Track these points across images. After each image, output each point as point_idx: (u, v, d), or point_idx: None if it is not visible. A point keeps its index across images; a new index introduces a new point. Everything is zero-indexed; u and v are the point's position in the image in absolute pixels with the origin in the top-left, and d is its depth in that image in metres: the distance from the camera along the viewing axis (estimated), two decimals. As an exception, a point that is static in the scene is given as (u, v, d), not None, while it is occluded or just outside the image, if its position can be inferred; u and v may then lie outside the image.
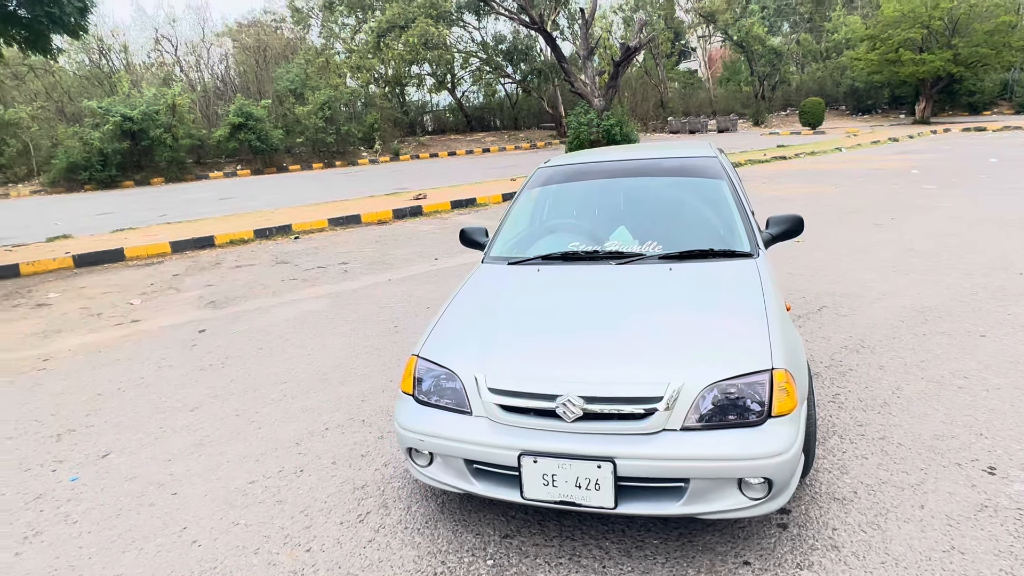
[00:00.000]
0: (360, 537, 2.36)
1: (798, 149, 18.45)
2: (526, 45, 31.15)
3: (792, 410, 1.99)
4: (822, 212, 8.58)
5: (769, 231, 3.02)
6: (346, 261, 7.64)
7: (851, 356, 3.71)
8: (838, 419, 2.98)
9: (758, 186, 11.49)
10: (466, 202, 11.72)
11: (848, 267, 5.68)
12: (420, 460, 2.30)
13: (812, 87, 36.87)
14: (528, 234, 3.32)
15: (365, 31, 28.95)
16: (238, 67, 31.39)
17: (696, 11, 37.16)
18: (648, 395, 1.98)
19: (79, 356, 4.76)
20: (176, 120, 23.25)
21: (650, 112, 35.24)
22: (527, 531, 2.32)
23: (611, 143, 16.67)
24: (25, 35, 7.81)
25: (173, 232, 10.10)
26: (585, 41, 17.82)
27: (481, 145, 29.88)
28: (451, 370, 2.28)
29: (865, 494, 2.39)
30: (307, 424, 3.33)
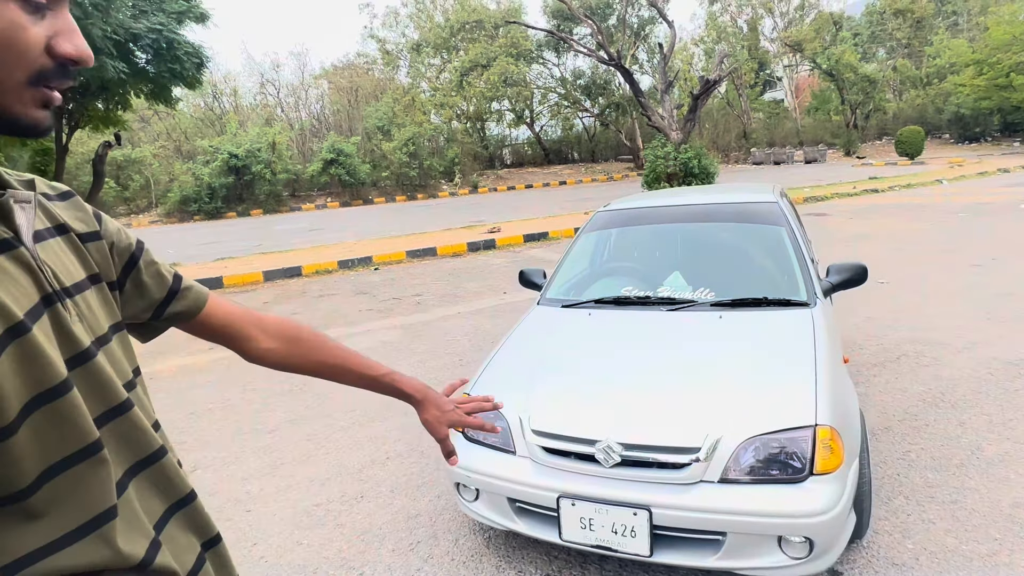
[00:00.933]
0: (409, 565, 2.49)
1: (892, 181, 17.44)
2: (604, 79, 31.53)
3: (837, 468, 1.95)
4: (913, 251, 8.09)
5: (829, 279, 2.96)
6: (420, 293, 7.98)
7: (928, 410, 3.50)
8: (906, 478, 2.82)
9: (842, 222, 10.99)
10: (538, 236, 11.94)
11: (936, 312, 5.34)
12: (467, 495, 2.42)
13: (911, 115, 34.85)
14: (583, 277, 3.42)
15: (449, 70, 30.33)
16: (332, 106, 33.66)
17: (782, 40, 36.27)
18: (686, 445, 2.01)
19: (178, 377, 5.26)
20: (275, 156, 25.21)
21: (732, 143, 34.49)
22: (568, 572, 2.36)
23: (688, 176, 16.49)
24: (151, 88, 8.87)
25: (266, 262, 10.92)
26: (663, 75, 17.85)
27: (558, 178, 30.27)
28: (499, 411, 2.39)
29: (927, 561, 2.26)
30: (371, 452, 3.53)
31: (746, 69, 34.52)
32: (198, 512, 0.81)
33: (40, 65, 0.63)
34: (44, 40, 0.63)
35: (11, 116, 0.63)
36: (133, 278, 0.85)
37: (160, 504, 0.76)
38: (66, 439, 0.65)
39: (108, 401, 0.71)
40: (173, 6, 8.25)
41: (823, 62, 32.82)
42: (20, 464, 0.61)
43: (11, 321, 0.60)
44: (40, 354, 0.62)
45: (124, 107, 9.87)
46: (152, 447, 0.76)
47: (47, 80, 0.64)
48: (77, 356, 0.67)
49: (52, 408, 0.63)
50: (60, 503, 0.64)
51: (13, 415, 0.60)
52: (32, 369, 0.62)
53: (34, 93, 0.64)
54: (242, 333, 1.00)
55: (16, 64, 0.61)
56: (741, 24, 36.91)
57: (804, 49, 33.50)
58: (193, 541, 0.80)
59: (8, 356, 0.60)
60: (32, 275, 0.66)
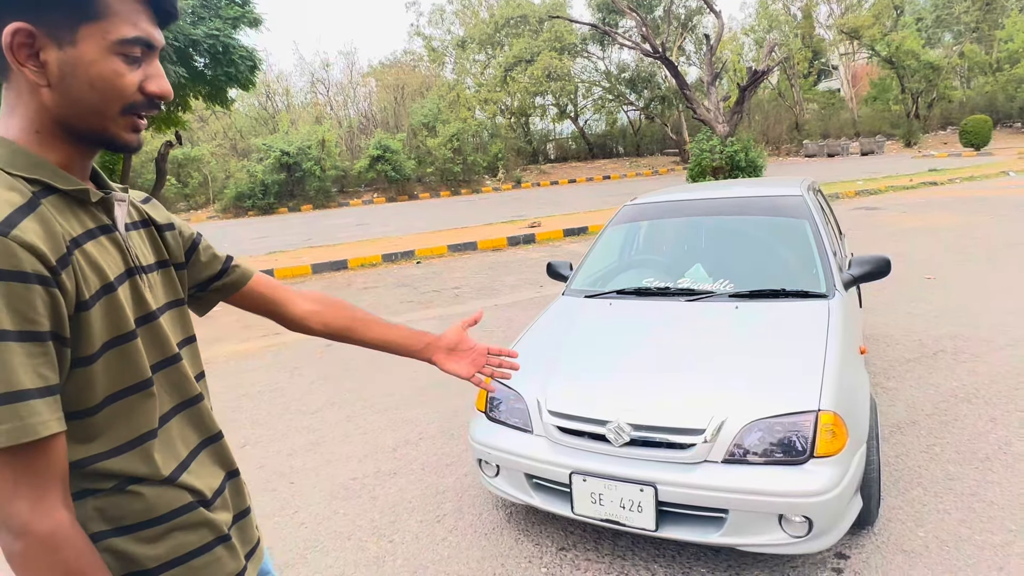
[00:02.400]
0: (435, 535, 2.68)
1: (954, 173, 16.66)
2: (649, 72, 31.14)
3: (838, 452, 2.02)
4: (967, 246, 7.80)
5: (851, 272, 2.97)
6: (459, 286, 8.20)
7: (959, 406, 3.46)
8: (926, 471, 2.83)
9: (894, 217, 10.64)
10: (578, 230, 12.00)
11: (982, 308, 5.18)
12: (488, 471, 2.58)
13: (979, 103, 33.02)
14: (608, 269, 3.52)
15: (493, 66, 30.58)
16: (379, 104, 34.43)
17: (838, 27, 34.90)
18: (691, 426, 2.11)
19: (231, 361, 5.63)
20: (325, 153, 26.04)
21: (783, 135, 33.49)
22: (582, 546, 2.50)
23: (735, 169, 16.19)
24: (209, 90, 9.37)
25: (315, 255, 11.38)
26: (710, 67, 17.55)
27: (602, 172, 30.12)
28: (518, 392, 2.54)
29: (937, 549, 2.29)
30: (405, 433, 3.74)
31: (799, 58, 33.42)
32: (223, 448, 1.02)
33: (133, 100, 0.84)
34: (138, 83, 0.84)
35: (110, 137, 0.86)
36: (194, 259, 1.09)
37: (195, 438, 0.97)
38: (127, 374, 0.85)
39: (163, 352, 0.92)
40: (229, 12, 8.70)
41: (882, 49, 31.43)
42: (93, 387, 0.81)
43: (106, 280, 0.82)
44: (120, 308, 0.84)
45: (184, 108, 10.44)
46: (193, 393, 0.96)
47: (136, 111, 0.86)
48: (144, 316, 0.89)
49: (121, 350, 0.84)
50: (115, 422, 0.84)
51: (96, 349, 0.81)
52: (113, 318, 0.83)
53: (126, 121, 0.86)
54: (284, 299, 1.21)
55: (115, 100, 0.83)
56: (794, 11, 35.73)
57: (862, 36, 32.16)
58: (217, 471, 1.00)
59: (100, 306, 0.81)
60: (121, 253, 0.88)
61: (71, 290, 0.77)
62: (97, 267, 0.81)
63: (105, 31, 0.80)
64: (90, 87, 0.81)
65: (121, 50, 0.81)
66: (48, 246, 0.75)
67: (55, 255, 0.75)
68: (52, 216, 0.78)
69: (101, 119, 0.84)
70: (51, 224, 0.77)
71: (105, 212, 0.88)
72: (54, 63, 0.79)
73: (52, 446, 0.75)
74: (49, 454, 0.75)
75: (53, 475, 0.76)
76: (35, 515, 0.73)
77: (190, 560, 0.90)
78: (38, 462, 0.74)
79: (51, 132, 0.83)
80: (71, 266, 0.78)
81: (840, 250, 3.54)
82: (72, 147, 0.85)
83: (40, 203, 0.78)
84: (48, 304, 0.74)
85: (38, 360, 0.73)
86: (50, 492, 0.75)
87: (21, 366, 0.72)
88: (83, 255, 0.80)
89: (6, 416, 0.70)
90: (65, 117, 0.82)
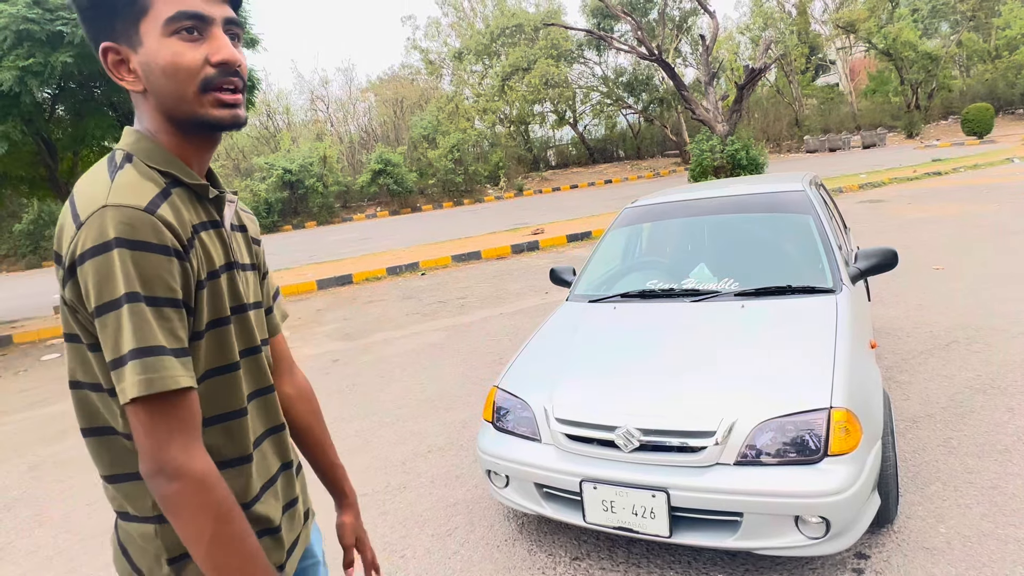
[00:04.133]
0: (447, 549, 2.65)
1: (958, 163, 16.54)
2: (647, 75, 31.18)
3: (853, 449, 1.97)
4: (974, 235, 7.72)
5: (857, 265, 2.93)
6: (464, 296, 8.19)
7: (975, 397, 3.40)
8: (945, 465, 2.77)
9: (899, 208, 10.56)
10: (581, 235, 11.98)
11: (992, 297, 5.11)
12: (498, 482, 2.55)
13: (980, 91, 32.83)
14: (611, 273, 3.50)
15: (491, 75, 30.68)
16: (379, 118, 34.62)
17: (834, 22, 34.84)
18: (701, 429, 2.08)
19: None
20: (327, 170, 26.16)
21: (783, 132, 33.41)
22: (596, 555, 2.46)
23: (736, 168, 16.15)
24: (209, 111, 9.45)
25: (319, 271, 11.40)
26: (706, 67, 17.54)
27: (603, 176, 30.11)
28: (525, 401, 2.51)
29: (960, 545, 2.24)
30: (413, 446, 3.72)
31: (796, 54, 33.39)
32: (283, 439, 1.09)
33: (204, 75, 0.88)
34: (203, 57, 0.88)
35: (201, 118, 0.91)
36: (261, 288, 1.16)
37: (261, 426, 1.04)
38: (221, 355, 0.94)
39: (249, 342, 1.01)
40: (226, 33, 8.80)
41: (879, 42, 31.37)
42: (197, 363, 0.90)
43: (212, 267, 0.93)
44: (220, 294, 0.94)
45: (186, 131, 10.53)
46: (268, 383, 1.05)
47: (213, 85, 0.89)
48: (238, 307, 0.98)
49: (219, 332, 0.94)
50: (208, 398, 0.92)
51: (204, 327, 0.91)
52: (215, 302, 0.93)
53: (209, 98, 0.90)
54: (281, 369, 1.21)
55: (187, 79, 0.88)
56: (789, 8, 35.73)
57: (858, 30, 32.11)
58: (275, 460, 1.06)
59: (208, 288, 0.91)
60: (225, 247, 0.98)
61: (195, 268, 0.88)
62: (208, 254, 0.92)
63: (155, 18, 0.86)
64: (163, 74, 0.87)
65: (172, 29, 0.86)
66: (181, 228, 0.86)
67: (185, 236, 0.87)
68: (180, 205, 0.89)
69: (186, 103, 0.89)
70: (179, 210, 0.88)
71: (216, 209, 0.98)
72: (137, 67, 0.89)
73: (190, 399, 0.85)
74: (189, 406, 0.84)
75: (195, 425, 0.85)
76: (188, 459, 0.82)
77: None
78: (182, 412, 0.83)
79: (167, 131, 0.92)
80: (194, 248, 0.89)
81: (846, 244, 3.50)
82: (186, 141, 0.93)
83: (171, 192, 0.89)
84: (182, 276, 0.85)
85: (173, 323, 0.84)
86: (196, 440, 0.85)
87: (159, 327, 0.81)
88: (200, 242, 0.91)
89: (144, 368, 0.79)
90: (166, 112, 0.91)
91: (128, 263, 0.80)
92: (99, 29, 0.89)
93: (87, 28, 0.91)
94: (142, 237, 0.81)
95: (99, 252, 0.79)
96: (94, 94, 8.63)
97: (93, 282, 0.80)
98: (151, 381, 0.79)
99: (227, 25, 0.92)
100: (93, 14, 0.89)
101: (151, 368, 0.80)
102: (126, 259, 0.80)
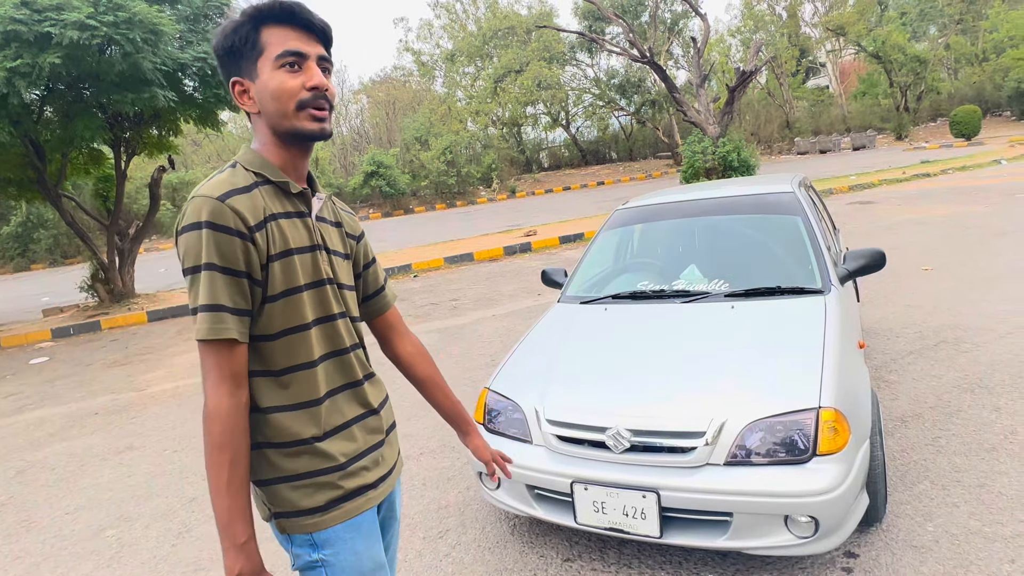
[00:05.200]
0: (438, 551, 2.64)
1: (946, 164, 16.70)
2: (639, 77, 31.28)
3: (841, 449, 1.99)
4: (963, 235, 7.79)
5: (846, 266, 2.95)
6: (456, 298, 8.18)
7: (963, 396, 3.43)
8: (933, 464, 2.80)
9: (889, 210, 10.64)
10: (574, 237, 12.00)
11: (981, 297, 5.16)
12: (489, 484, 2.54)
13: (968, 94, 33.17)
14: (602, 274, 3.50)
15: (483, 77, 30.69)
16: (371, 120, 34.57)
17: (824, 25, 35.11)
18: (691, 430, 2.09)
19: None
20: (319, 172, 26.07)
21: (775, 134, 33.59)
22: (587, 556, 2.46)
23: (728, 170, 16.22)
24: (199, 113, 9.39)
25: (312, 273, 11.34)
26: (698, 69, 17.63)
27: (596, 178, 30.17)
28: (516, 402, 2.51)
29: (948, 543, 2.26)
30: (405, 448, 3.70)
31: (786, 57, 33.59)
32: (362, 391, 1.30)
33: (301, 97, 1.15)
34: (301, 84, 1.15)
35: (297, 129, 1.17)
36: (362, 277, 1.42)
37: (337, 380, 1.25)
38: (293, 318, 1.17)
39: (324, 311, 1.22)
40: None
41: (868, 45, 31.65)
42: (272, 321, 1.15)
43: (287, 247, 1.16)
44: (294, 269, 1.17)
45: (175, 133, 10.46)
46: (342, 346, 1.26)
47: (308, 104, 1.16)
48: (316, 282, 1.21)
49: (290, 299, 1.16)
50: (284, 350, 1.17)
51: (277, 293, 1.15)
52: (288, 275, 1.16)
53: (304, 114, 1.16)
54: (399, 333, 1.52)
55: (288, 100, 1.15)
56: (780, 11, 35.96)
57: (847, 33, 32.37)
58: (356, 407, 1.28)
59: (280, 263, 1.15)
60: (308, 232, 1.21)
61: (263, 246, 1.12)
62: (284, 236, 1.16)
63: (268, 57, 1.15)
64: (272, 98, 1.15)
65: (279, 64, 1.14)
66: (250, 214, 1.11)
67: (254, 220, 1.11)
68: (262, 197, 1.15)
69: (287, 119, 1.16)
70: (257, 201, 1.13)
71: (304, 204, 1.23)
72: (255, 94, 1.17)
73: (235, 350, 1.10)
74: (232, 355, 1.10)
75: (229, 370, 1.10)
76: (212, 393, 1.09)
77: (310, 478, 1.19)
78: (223, 357, 1.09)
79: (273, 143, 1.20)
80: (265, 230, 1.13)
81: (835, 245, 3.52)
82: (286, 150, 1.20)
83: (256, 188, 1.15)
84: (244, 251, 1.10)
85: (233, 289, 1.09)
86: (224, 381, 1.09)
87: (221, 290, 1.08)
88: (276, 226, 1.15)
89: (209, 320, 1.07)
90: (273, 127, 1.18)
91: (205, 239, 1.07)
92: (230, 69, 1.18)
93: (222, 68, 1.19)
94: (215, 220, 1.07)
95: (188, 229, 1.09)
96: (83, 96, 8.56)
97: (183, 250, 1.10)
98: (207, 330, 1.07)
99: (320, 61, 1.19)
100: (228, 59, 1.17)
101: (211, 320, 1.07)
102: (206, 236, 1.07)
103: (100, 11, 7.00)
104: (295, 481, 1.18)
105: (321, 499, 1.19)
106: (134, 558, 2.92)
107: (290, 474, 1.18)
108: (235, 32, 1.16)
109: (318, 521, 1.19)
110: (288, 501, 1.18)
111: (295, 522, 1.19)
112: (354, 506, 1.23)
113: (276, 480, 1.18)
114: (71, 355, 8.02)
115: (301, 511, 1.18)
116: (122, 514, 3.37)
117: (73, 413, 5.33)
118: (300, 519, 1.18)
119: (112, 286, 10.64)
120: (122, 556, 2.96)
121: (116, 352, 7.83)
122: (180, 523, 3.19)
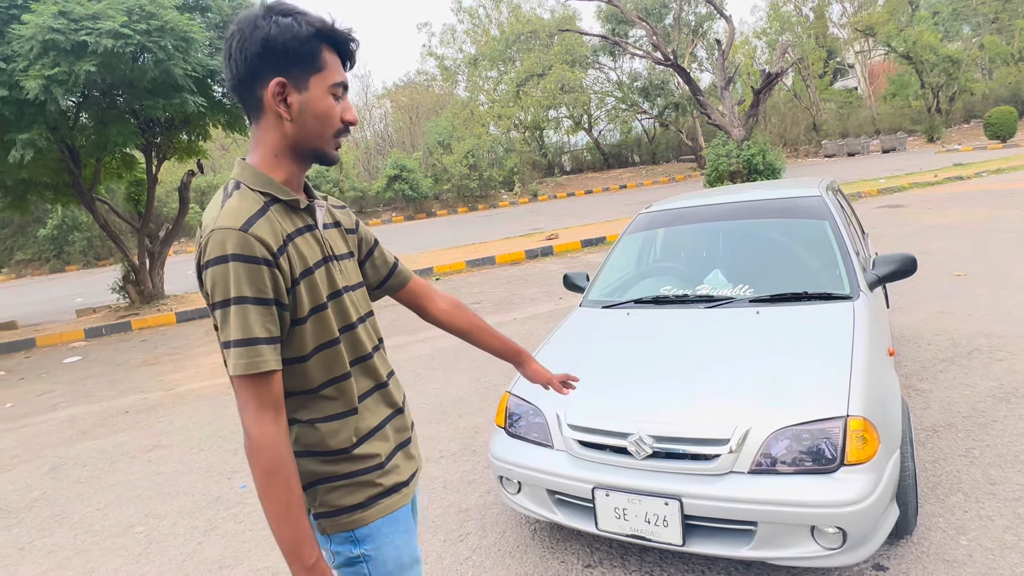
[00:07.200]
0: (458, 555, 2.64)
1: (980, 167, 16.25)
2: (662, 79, 31.07)
3: (870, 459, 1.94)
4: (997, 240, 7.57)
5: (875, 272, 2.89)
6: (478, 301, 8.20)
7: (998, 406, 3.33)
8: (967, 475, 2.72)
9: (919, 214, 10.39)
10: (596, 240, 11.95)
11: (1015, 304, 5.01)
12: (510, 488, 2.54)
13: (1003, 94, 32.25)
14: (625, 279, 3.48)
15: (506, 81, 30.79)
16: (394, 124, 34.91)
17: (852, 25, 34.47)
18: (715, 436, 2.06)
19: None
20: (343, 175, 26.39)
21: (801, 136, 33.06)
22: (608, 563, 2.44)
23: (753, 173, 16.02)
24: (227, 118, 9.58)
25: (335, 276, 11.47)
26: (722, 71, 17.45)
27: (618, 182, 30.02)
28: (537, 407, 2.51)
29: (982, 557, 2.19)
30: (425, 451, 3.72)
31: (813, 58, 33.04)
32: (389, 392, 1.32)
33: (338, 128, 1.19)
34: (339, 114, 1.19)
35: (323, 153, 1.20)
36: (370, 261, 1.42)
37: (366, 384, 1.27)
38: (323, 334, 1.18)
39: (346, 320, 1.24)
40: (245, 42, 8.92)
41: (899, 45, 30.99)
42: (304, 342, 1.16)
43: (306, 266, 1.16)
44: (317, 286, 1.17)
45: (204, 138, 10.69)
46: (365, 351, 1.27)
47: (340, 135, 1.21)
48: (334, 293, 1.22)
49: (318, 316, 1.17)
50: (320, 367, 1.18)
51: (305, 314, 1.15)
52: (313, 293, 1.16)
53: (335, 142, 1.21)
54: (429, 299, 1.53)
55: (330, 126, 1.18)
56: (806, 12, 35.42)
57: (877, 33, 31.74)
58: (384, 408, 1.30)
59: (304, 283, 1.15)
60: (320, 246, 1.21)
61: (287, 270, 1.11)
62: (302, 255, 1.15)
63: (325, 78, 1.16)
64: (315, 118, 1.16)
65: (333, 91, 1.17)
66: (272, 239, 1.09)
67: (276, 245, 1.10)
68: (276, 218, 1.13)
69: (321, 141, 1.18)
70: (274, 224, 1.12)
71: (310, 215, 1.22)
72: (295, 104, 1.14)
73: (272, 379, 1.09)
74: (270, 385, 1.08)
75: (270, 399, 1.08)
76: (254, 424, 1.07)
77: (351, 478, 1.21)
78: (262, 388, 1.08)
79: (284, 155, 1.18)
80: (286, 253, 1.12)
81: (863, 250, 3.45)
82: (294, 165, 1.20)
83: (268, 209, 1.13)
84: (272, 279, 1.08)
85: (266, 318, 1.08)
86: (265, 410, 1.08)
87: (255, 322, 1.06)
88: (294, 247, 1.14)
89: (246, 355, 1.06)
90: (297, 142, 1.17)
91: (233, 272, 1.05)
92: (274, 65, 1.12)
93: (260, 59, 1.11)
94: (241, 251, 1.06)
95: (214, 263, 1.07)
96: (116, 102, 8.80)
97: (211, 284, 1.08)
98: (246, 365, 1.06)
99: (346, 89, 1.22)
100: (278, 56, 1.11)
101: (247, 355, 1.06)
102: (234, 269, 1.06)
103: (133, 20, 7.19)
104: (335, 482, 1.20)
105: (361, 496, 1.21)
106: (161, 555, 2.98)
107: (330, 476, 1.20)
108: (301, 39, 1.12)
109: (359, 517, 1.21)
110: (327, 502, 1.20)
111: (335, 521, 1.20)
112: (392, 502, 1.26)
113: (315, 483, 1.19)
114: (103, 354, 8.22)
115: (342, 509, 1.20)
116: (150, 511, 3.44)
117: (104, 411, 5.47)
118: (340, 517, 1.20)
119: (142, 287, 10.89)
120: (150, 552, 3.02)
121: (146, 352, 8.01)
122: (206, 521, 3.25)
